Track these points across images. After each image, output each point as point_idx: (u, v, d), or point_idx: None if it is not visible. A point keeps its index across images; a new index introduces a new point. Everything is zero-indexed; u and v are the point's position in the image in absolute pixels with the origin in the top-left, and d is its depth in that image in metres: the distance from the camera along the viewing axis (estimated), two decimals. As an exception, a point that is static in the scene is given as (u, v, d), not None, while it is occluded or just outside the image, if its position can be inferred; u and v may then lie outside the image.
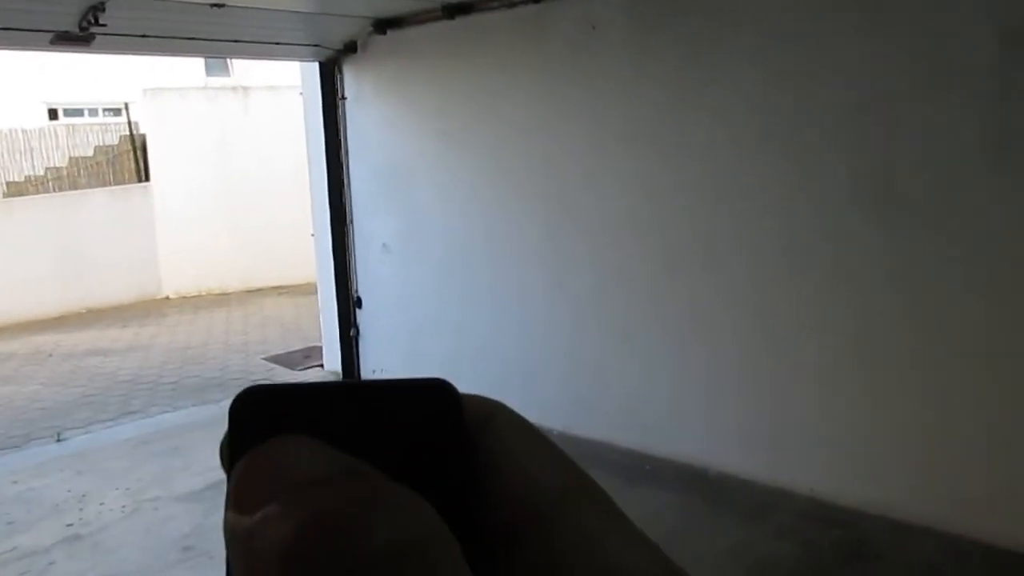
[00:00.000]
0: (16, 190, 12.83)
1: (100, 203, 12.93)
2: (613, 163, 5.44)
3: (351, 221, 7.41)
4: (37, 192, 12.92)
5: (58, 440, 6.55)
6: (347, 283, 7.54)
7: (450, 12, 6.04)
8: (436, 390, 0.33)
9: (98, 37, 5.47)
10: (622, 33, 5.23)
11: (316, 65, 7.11)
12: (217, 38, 6.26)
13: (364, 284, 7.47)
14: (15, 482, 5.61)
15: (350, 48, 6.94)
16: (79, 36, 5.43)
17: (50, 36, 5.39)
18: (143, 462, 5.90)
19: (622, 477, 5.20)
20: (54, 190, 13.05)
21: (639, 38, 5.16)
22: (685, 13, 4.94)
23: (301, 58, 7.26)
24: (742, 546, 4.35)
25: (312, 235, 7.85)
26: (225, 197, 12.98)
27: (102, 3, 5.26)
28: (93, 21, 5.31)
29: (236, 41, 6.34)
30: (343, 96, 7.16)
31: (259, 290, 13.01)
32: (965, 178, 4.08)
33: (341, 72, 7.12)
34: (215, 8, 5.43)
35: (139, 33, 5.76)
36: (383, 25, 6.59)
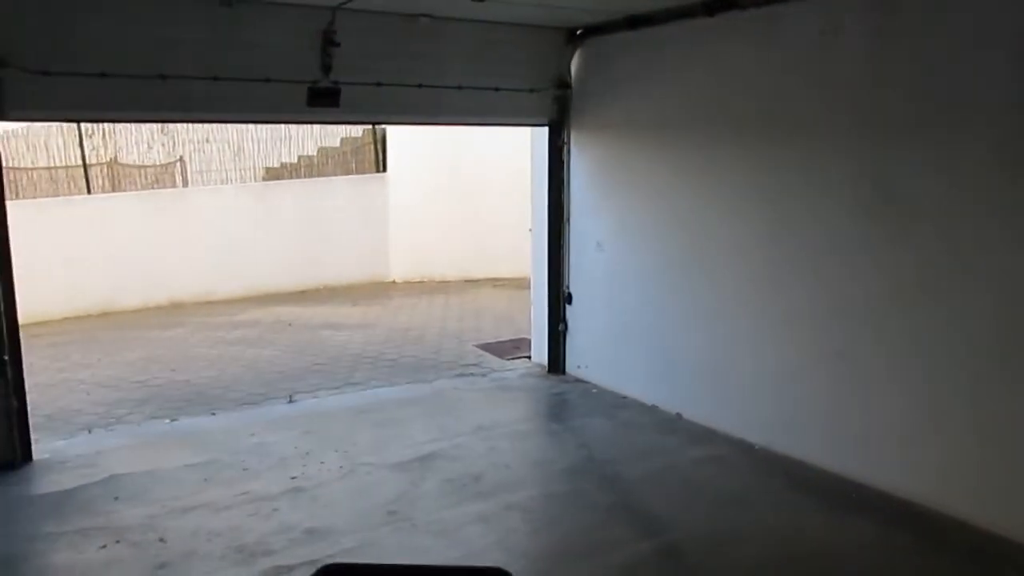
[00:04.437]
0: (273, 175, 14.20)
1: (341, 190, 14.04)
2: (832, 172, 5.17)
3: (568, 219, 7.56)
4: (290, 177, 14.22)
5: (290, 401, 7.22)
6: (559, 278, 7.71)
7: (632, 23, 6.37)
8: None
9: (343, 92, 6.08)
10: (860, 39, 4.96)
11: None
12: (442, 84, 6.64)
13: (576, 281, 7.61)
14: (252, 435, 6.24)
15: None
16: (328, 90, 6.04)
17: (305, 93, 6.00)
18: (361, 429, 6.36)
19: (824, 503, 4.96)
20: (304, 176, 14.31)
21: (881, 44, 4.87)
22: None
23: (530, 119, 7.55)
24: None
25: (530, 230, 8.09)
26: (451, 192, 13.65)
27: (332, 28, 5.93)
28: (331, 42, 5.93)
29: (460, 87, 6.70)
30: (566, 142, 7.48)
31: (476, 281, 13.59)
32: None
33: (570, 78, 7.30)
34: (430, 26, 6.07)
35: (373, 81, 6.29)
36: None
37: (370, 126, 14.14)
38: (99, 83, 5.37)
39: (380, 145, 14.42)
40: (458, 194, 13.61)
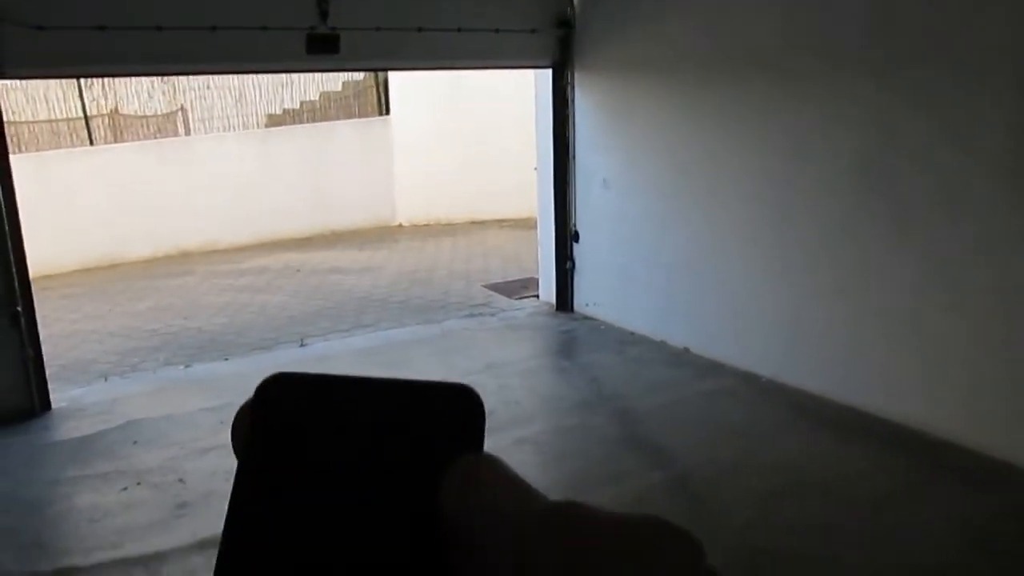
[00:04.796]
0: (275, 121, 14.10)
1: (345, 134, 13.94)
2: (844, 105, 5.11)
3: (573, 156, 7.52)
4: (293, 123, 14.12)
5: (301, 345, 7.30)
6: (566, 217, 7.69)
7: None
8: (461, 397, 0.33)
9: (342, 38, 6.00)
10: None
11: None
12: (443, 27, 6.51)
13: (582, 218, 7.59)
14: (265, 378, 6.32)
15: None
16: (327, 36, 5.96)
17: (303, 40, 5.93)
18: (371, 370, 6.37)
19: (832, 432, 5.02)
20: (307, 121, 14.21)
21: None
22: None
23: (532, 60, 7.42)
24: (960, 517, 4.06)
25: (535, 168, 8.05)
26: (455, 133, 13.56)
27: None
28: None
29: (459, 30, 6.55)
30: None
31: (483, 222, 13.57)
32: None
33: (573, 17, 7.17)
34: None
35: (372, 26, 6.18)
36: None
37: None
38: (97, 36, 5.31)
39: (382, 88, 14.27)
40: (463, 135, 13.52)
